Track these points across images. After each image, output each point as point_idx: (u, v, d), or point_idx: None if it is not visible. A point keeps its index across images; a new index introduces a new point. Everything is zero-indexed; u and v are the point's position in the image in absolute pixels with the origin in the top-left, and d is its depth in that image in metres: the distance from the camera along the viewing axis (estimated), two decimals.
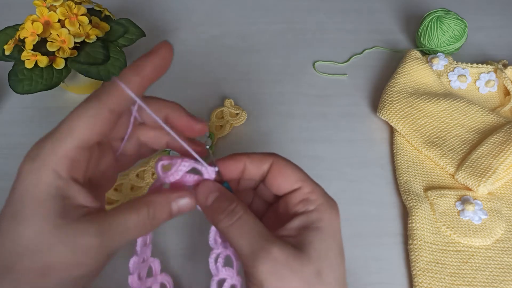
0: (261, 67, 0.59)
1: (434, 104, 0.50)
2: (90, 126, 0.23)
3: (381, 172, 0.47)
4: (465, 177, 0.44)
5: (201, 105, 0.53)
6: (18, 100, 0.53)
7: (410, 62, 0.54)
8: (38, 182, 0.22)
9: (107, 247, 0.23)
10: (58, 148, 0.23)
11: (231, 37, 0.63)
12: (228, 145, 0.49)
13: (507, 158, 0.43)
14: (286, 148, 0.49)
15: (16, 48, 0.45)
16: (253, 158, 0.27)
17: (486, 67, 0.56)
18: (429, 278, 0.38)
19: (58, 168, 0.22)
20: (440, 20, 0.56)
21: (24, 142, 0.49)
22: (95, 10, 0.50)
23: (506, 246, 0.41)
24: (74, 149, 0.23)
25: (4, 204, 0.23)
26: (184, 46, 0.61)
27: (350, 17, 0.67)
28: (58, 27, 0.45)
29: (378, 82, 0.57)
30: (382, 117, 0.50)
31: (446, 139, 0.47)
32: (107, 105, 0.24)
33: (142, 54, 0.25)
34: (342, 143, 0.50)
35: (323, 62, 0.59)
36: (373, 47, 0.61)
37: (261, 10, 0.67)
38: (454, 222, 0.42)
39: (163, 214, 0.25)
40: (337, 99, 0.55)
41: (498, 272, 0.39)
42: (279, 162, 0.27)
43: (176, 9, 0.67)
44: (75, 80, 0.50)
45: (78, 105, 0.24)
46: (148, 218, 0.25)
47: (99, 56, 0.46)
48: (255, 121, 0.52)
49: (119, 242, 0.24)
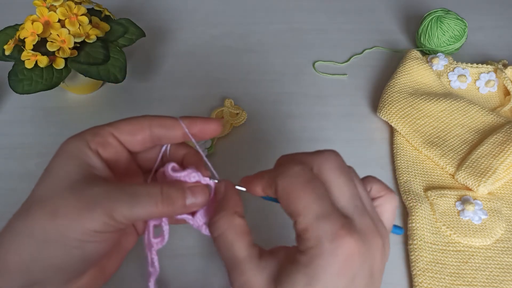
0: (261, 67, 0.59)
1: (434, 104, 0.50)
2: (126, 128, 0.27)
3: (381, 172, 0.47)
4: (465, 177, 0.44)
5: (201, 105, 0.53)
6: (18, 100, 0.53)
7: (410, 62, 0.54)
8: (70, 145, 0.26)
9: (112, 206, 0.23)
10: (96, 128, 0.26)
11: (231, 37, 0.63)
12: (228, 145, 0.49)
13: (507, 158, 0.43)
14: (286, 148, 0.49)
15: (16, 48, 0.45)
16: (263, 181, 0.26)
17: (486, 67, 0.56)
18: (429, 278, 0.38)
19: (90, 139, 0.26)
20: (440, 20, 0.56)
21: (24, 142, 0.50)
22: (95, 10, 0.50)
23: (506, 246, 0.41)
24: (108, 133, 0.26)
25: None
26: (184, 46, 0.61)
27: (350, 17, 0.67)
28: (58, 27, 0.45)
29: (378, 82, 0.57)
30: (382, 117, 0.50)
31: (446, 139, 0.47)
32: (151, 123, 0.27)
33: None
34: (342, 143, 0.50)
35: (323, 62, 0.59)
36: (373, 47, 0.61)
37: (261, 10, 0.67)
38: (454, 222, 0.42)
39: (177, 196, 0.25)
40: (337, 99, 0.55)
41: (498, 272, 0.39)
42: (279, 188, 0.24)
43: (176, 9, 0.67)
44: (75, 80, 0.50)
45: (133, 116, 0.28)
46: (160, 193, 0.24)
47: (99, 56, 0.46)
48: (255, 121, 0.52)
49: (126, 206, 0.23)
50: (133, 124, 0.27)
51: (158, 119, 0.27)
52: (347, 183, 0.24)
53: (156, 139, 0.27)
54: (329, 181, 0.24)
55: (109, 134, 0.26)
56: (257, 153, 0.49)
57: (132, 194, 0.24)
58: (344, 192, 0.23)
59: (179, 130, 0.27)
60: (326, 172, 0.24)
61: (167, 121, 0.27)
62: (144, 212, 0.24)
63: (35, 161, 0.47)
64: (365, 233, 0.23)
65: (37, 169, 0.46)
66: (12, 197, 0.44)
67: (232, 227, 0.24)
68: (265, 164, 0.47)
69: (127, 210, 0.23)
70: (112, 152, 0.26)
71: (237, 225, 0.24)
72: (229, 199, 0.26)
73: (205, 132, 0.28)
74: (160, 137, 0.27)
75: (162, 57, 0.59)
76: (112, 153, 0.26)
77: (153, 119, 0.27)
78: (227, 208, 0.25)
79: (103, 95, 0.54)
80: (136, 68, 0.57)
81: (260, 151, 0.49)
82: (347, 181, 0.24)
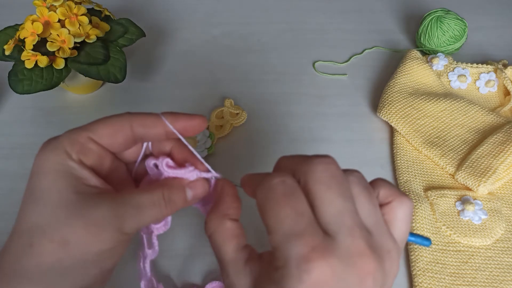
0: (261, 67, 0.59)
1: (434, 104, 0.50)
2: (106, 130, 0.25)
3: (381, 172, 0.47)
4: (465, 177, 0.44)
5: (201, 105, 0.53)
6: (18, 100, 0.53)
7: (410, 62, 0.54)
8: (50, 160, 0.24)
9: (122, 223, 0.23)
10: (72, 135, 0.24)
11: (231, 37, 0.63)
12: (228, 145, 0.49)
13: (507, 158, 0.43)
14: (286, 148, 0.49)
15: (16, 48, 0.45)
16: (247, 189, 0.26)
17: (486, 67, 0.56)
18: (429, 278, 0.38)
19: (69, 150, 0.24)
20: (440, 20, 0.56)
21: (24, 142, 0.50)
22: (95, 10, 0.50)
23: (506, 246, 0.41)
24: (86, 138, 0.24)
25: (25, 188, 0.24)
26: (184, 46, 0.61)
27: (350, 17, 0.67)
28: (58, 27, 0.45)
29: (378, 82, 0.57)
30: (382, 117, 0.50)
31: (446, 139, 0.47)
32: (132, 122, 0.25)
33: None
34: (342, 143, 0.50)
35: (323, 62, 0.59)
36: (373, 47, 0.61)
37: (261, 10, 0.67)
38: (454, 222, 0.42)
39: (178, 197, 0.26)
40: (337, 99, 0.55)
41: (498, 272, 0.39)
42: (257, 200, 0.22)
43: (176, 9, 0.67)
44: (75, 80, 0.50)
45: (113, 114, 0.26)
46: (163, 199, 0.25)
47: (99, 56, 0.46)
48: (255, 121, 0.52)
49: (134, 220, 0.24)
50: (112, 126, 0.25)
51: (139, 118, 0.26)
52: (336, 197, 0.21)
53: (138, 138, 0.26)
54: (313, 194, 0.21)
55: (88, 140, 0.25)
56: (257, 153, 0.49)
57: (137, 206, 0.24)
58: (330, 207, 0.20)
59: (162, 128, 0.26)
60: (312, 183, 0.21)
61: (148, 119, 0.26)
62: (151, 219, 0.25)
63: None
64: (350, 255, 0.20)
65: None
66: (12, 197, 0.44)
67: (221, 230, 0.24)
68: (265, 164, 0.47)
69: (135, 222, 0.24)
70: (95, 157, 0.25)
71: (226, 228, 0.24)
72: (223, 201, 0.26)
73: (189, 129, 0.26)
74: (142, 136, 0.26)
75: (162, 57, 0.59)
76: (95, 158, 0.25)
77: (133, 118, 0.25)
78: (218, 211, 0.25)
79: (103, 95, 0.54)
80: (136, 68, 0.57)
81: (260, 151, 0.49)
82: (336, 195, 0.21)
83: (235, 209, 0.26)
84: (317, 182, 0.21)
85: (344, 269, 0.19)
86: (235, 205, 0.26)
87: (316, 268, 0.19)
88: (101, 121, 0.25)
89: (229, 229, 0.24)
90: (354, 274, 0.20)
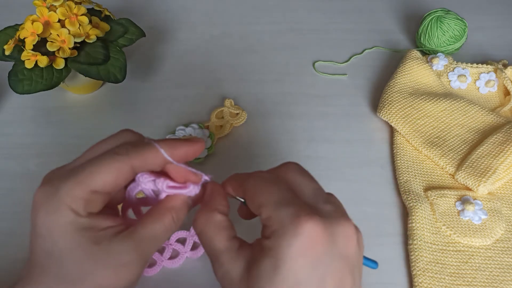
0: (261, 67, 0.59)
1: (434, 104, 0.50)
2: (109, 179, 0.24)
3: (381, 172, 0.47)
4: (465, 177, 0.44)
5: (201, 105, 0.53)
6: (18, 100, 0.53)
7: (410, 62, 0.54)
8: (61, 223, 0.23)
9: (144, 258, 0.25)
10: (75, 191, 0.24)
11: (231, 37, 0.63)
12: (228, 145, 0.49)
13: (507, 158, 0.43)
14: (286, 148, 0.49)
15: (16, 48, 0.45)
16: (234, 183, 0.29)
17: (486, 67, 0.56)
18: (429, 278, 0.38)
19: (75, 207, 0.24)
20: (440, 20, 0.56)
21: (24, 142, 0.50)
22: (95, 10, 0.50)
23: (506, 246, 0.41)
24: (89, 193, 0.24)
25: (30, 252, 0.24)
26: (184, 46, 0.61)
27: (350, 17, 0.67)
28: (58, 27, 0.45)
29: (378, 82, 0.57)
30: (382, 117, 0.50)
31: (446, 139, 0.47)
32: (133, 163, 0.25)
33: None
34: (342, 143, 0.50)
35: (323, 62, 0.59)
36: (373, 47, 0.61)
37: (261, 10, 0.67)
38: (454, 222, 0.42)
39: (184, 214, 0.28)
40: (337, 99, 0.55)
41: (498, 272, 0.39)
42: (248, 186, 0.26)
43: (176, 9, 0.67)
44: (75, 80, 0.50)
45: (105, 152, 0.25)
46: (173, 222, 0.27)
47: (99, 56, 0.46)
48: (255, 121, 0.52)
49: (153, 250, 0.26)
50: (113, 174, 0.24)
51: (139, 157, 0.25)
52: (310, 180, 0.27)
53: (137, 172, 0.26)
54: (292, 181, 0.26)
55: (92, 193, 0.24)
56: (257, 153, 0.49)
57: (154, 237, 0.26)
58: (307, 187, 0.26)
59: (162, 159, 0.26)
60: (290, 174, 0.27)
61: (148, 156, 0.25)
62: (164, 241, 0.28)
63: (35, 161, 0.47)
64: (330, 216, 0.24)
65: (37, 169, 0.47)
66: (12, 197, 0.44)
67: (211, 223, 0.26)
68: (265, 164, 0.47)
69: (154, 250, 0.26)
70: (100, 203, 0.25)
71: (217, 221, 0.26)
72: (211, 198, 0.28)
73: (189, 155, 0.27)
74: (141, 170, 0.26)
75: (162, 57, 0.59)
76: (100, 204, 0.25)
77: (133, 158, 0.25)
78: (207, 206, 0.27)
79: (103, 95, 0.54)
80: (136, 68, 0.57)
81: (260, 151, 0.49)
82: (309, 179, 0.27)
83: (224, 206, 0.28)
84: (294, 172, 0.27)
85: (328, 226, 0.23)
86: (224, 203, 0.28)
87: (307, 222, 0.22)
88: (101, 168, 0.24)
89: (219, 221, 0.26)
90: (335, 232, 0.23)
